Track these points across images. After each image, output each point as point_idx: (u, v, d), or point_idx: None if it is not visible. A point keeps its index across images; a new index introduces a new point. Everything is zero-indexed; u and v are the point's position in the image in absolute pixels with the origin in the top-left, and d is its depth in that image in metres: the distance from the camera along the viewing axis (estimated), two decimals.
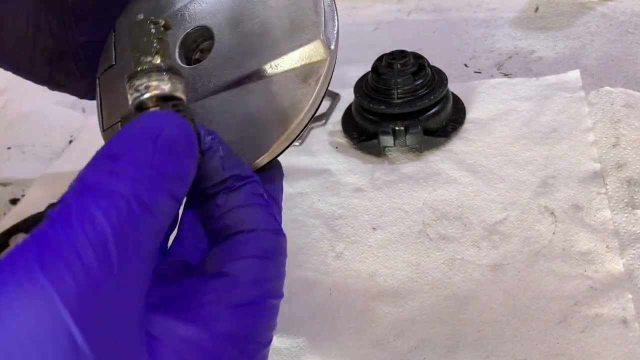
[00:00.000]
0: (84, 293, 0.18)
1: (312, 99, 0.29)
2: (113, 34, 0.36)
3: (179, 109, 0.25)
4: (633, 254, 0.38)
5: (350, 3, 0.74)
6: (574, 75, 0.53)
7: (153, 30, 0.26)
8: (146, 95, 0.24)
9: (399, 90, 0.48)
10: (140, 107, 0.25)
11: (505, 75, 0.57)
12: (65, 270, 0.18)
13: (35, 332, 0.17)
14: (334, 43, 0.30)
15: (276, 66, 0.30)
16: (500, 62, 0.59)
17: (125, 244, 0.19)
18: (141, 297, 0.20)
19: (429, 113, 0.49)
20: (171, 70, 0.25)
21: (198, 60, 0.33)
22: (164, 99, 0.25)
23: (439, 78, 0.50)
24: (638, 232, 0.39)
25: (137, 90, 0.24)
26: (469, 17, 0.66)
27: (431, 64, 0.51)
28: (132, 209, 0.20)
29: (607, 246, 0.39)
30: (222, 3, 0.33)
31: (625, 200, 0.41)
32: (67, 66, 0.37)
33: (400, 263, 0.42)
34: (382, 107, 0.49)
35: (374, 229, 0.44)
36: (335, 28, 0.30)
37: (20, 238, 0.50)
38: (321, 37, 0.29)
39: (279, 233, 0.25)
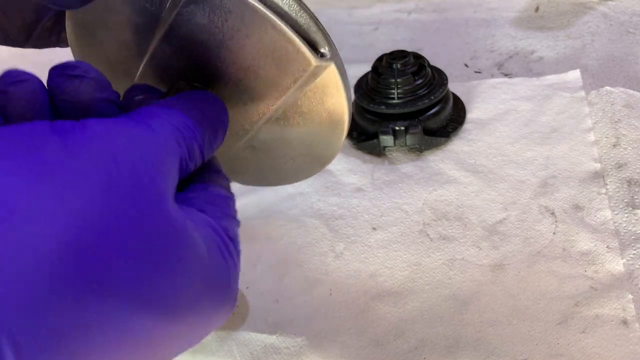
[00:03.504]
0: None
1: (345, 101, 0.29)
2: None
3: None
4: (633, 254, 0.38)
5: (350, 3, 0.74)
6: (575, 75, 0.53)
7: None
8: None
9: (399, 90, 0.48)
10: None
11: (506, 75, 0.57)
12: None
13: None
14: (326, 46, 0.27)
15: (292, 96, 0.29)
16: (501, 62, 0.59)
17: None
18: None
19: (429, 113, 0.49)
20: None
21: None
22: None
23: (439, 78, 0.50)
24: (638, 232, 0.39)
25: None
26: (469, 17, 0.66)
27: (431, 64, 0.51)
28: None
29: (607, 246, 0.39)
30: (182, 61, 0.29)
31: (625, 200, 0.41)
32: None
33: (401, 263, 0.41)
34: (382, 107, 0.49)
35: (374, 229, 0.44)
36: (315, 25, 0.27)
37: None
38: (313, 60, 0.26)
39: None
